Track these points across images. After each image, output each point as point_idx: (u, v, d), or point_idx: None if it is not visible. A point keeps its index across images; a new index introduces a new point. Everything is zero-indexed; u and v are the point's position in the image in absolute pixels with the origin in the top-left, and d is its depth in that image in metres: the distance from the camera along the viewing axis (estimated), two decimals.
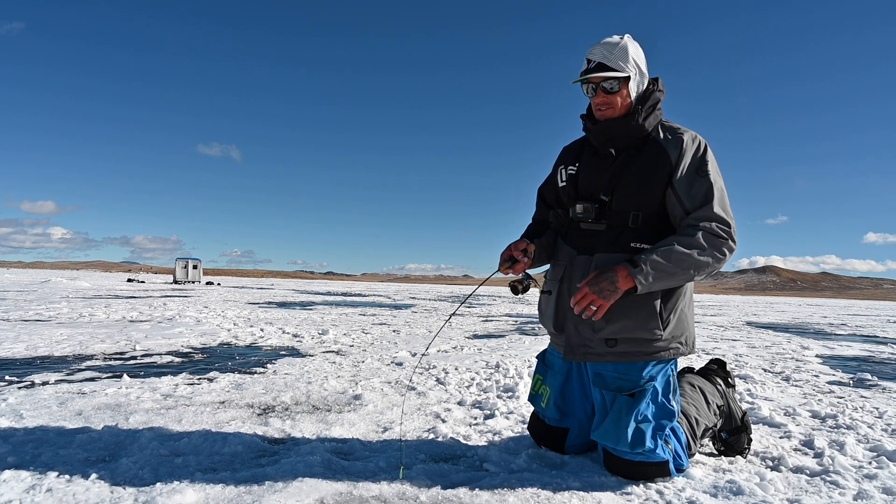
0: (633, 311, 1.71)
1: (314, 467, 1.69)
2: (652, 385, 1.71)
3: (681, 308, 1.77)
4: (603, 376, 1.78)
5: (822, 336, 8.21)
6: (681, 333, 1.76)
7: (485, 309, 12.56)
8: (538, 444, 2.01)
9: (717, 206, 1.69)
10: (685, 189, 1.71)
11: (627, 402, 1.70)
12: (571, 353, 1.83)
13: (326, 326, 6.61)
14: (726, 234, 1.67)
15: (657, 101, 1.82)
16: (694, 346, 1.82)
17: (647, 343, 1.73)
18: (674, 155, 1.74)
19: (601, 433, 1.73)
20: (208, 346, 4.62)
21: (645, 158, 1.77)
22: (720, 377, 2.14)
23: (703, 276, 1.71)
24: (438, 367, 3.77)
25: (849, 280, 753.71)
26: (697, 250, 1.64)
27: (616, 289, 1.65)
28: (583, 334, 1.79)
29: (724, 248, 1.67)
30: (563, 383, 1.93)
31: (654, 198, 1.75)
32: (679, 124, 1.83)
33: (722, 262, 1.68)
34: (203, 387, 2.91)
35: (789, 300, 59.62)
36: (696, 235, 1.66)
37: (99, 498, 1.45)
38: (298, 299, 14.59)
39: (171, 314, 7.66)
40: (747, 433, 2.02)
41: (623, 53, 1.76)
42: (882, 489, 1.72)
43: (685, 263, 1.64)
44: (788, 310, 21.05)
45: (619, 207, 1.78)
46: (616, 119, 1.80)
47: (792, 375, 4.01)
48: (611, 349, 1.75)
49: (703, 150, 1.76)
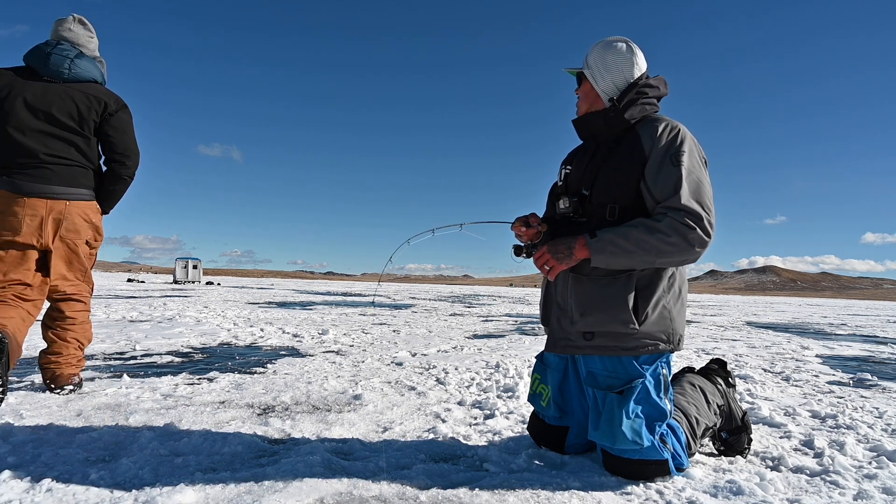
0: (606, 305, 1.72)
1: (314, 467, 1.69)
2: (641, 382, 1.71)
3: (662, 304, 1.75)
4: (594, 375, 1.79)
5: (822, 336, 8.21)
6: (662, 329, 1.74)
7: (485, 309, 12.57)
8: (538, 444, 2.01)
9: (686, 197, 1.65)
10: (654, 179, 1.70)
11: (618, 400, 1.70)
12: (553, 346, 1.88)
13: (326, 326, 6.61)
14: (695, 224, 1.63)
15: (643, 92, 1.83)
16: (680, 343, 1.79)
17: (623, 337, 1.72)
18: (647, 145, 1.73)
19: (598, 434, 1.73)
20: (208, 346, 4.62)
21: (622, 150, 1.79)
22: (721, 377, 2.14)
23: (668, 263, 1.70)
24: (438, 367, 3.77)
25: (849, 280, 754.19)
26: (661, 235, 1.63)
27: (571, 254, 1.72)
28: (563, 327, 1.83)
29: (691, 238, 1.63)
30: (561, 381, 1.94)
31: (628, 190, 1.75)
32: (667, 117, 1.81)
33: (690, 253, 1.65)
34: (203, 387, 2.91)
35: (789, 300, 59.62)
36: (661, 222, 1.65)
37: (99, 498, 1.45)
38: (298, 299, 14.59)
39: (171, 314, 7.66)
40: (747, 433, 2.02)
41: (592, 51, 1.89)
42: (882, 489, 1.72)
43: (645, 245, 1.64)
44: (788, 310, 21.05)
45: (598, 201, 1.80)
46: (595, 112, 1.86)
47: (792, 375, 4.01)
48: (588, 342, 1.77)
49: (678, 140, 1.73)
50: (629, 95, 1.82)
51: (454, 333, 6.42)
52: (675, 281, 1.80)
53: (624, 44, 1.86)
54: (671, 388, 1.80)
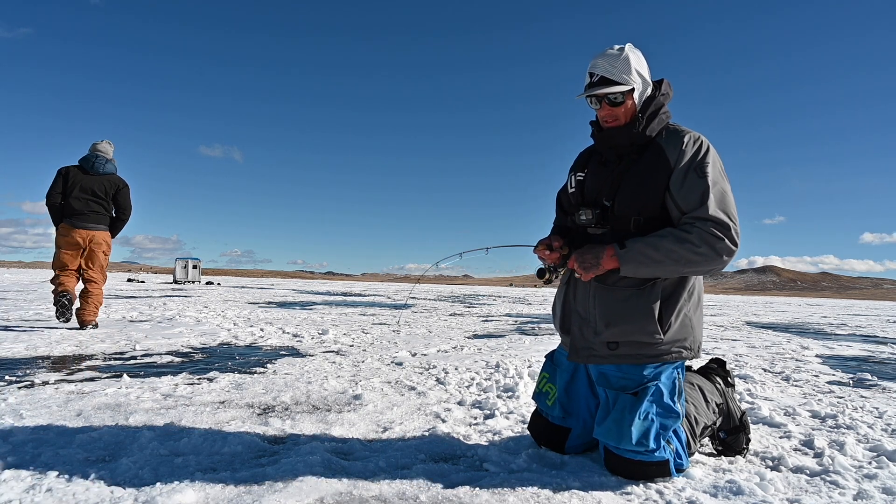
0: (632, 316, 1.72)
1: (314, 467, 1.69)
2: (656, 384, 1.71)
3: (684, 312, 1.76)
4: (606, 375, 1.79)
5: (821, 336, 8.21)
6: (684, 338, 1.76)
7: (485, 309, 12.57)
8: (538, 443, 2.01)
9: (713, 208, 1.67)
10: (681, 191, 1.71)
11: (630, 401, 1.70)
12: (576, 355, 1.86)
13: (326, 326, 6.61)
14: (723, 235, 1.65)
15: (661, 105, 1.82)
16: (699, 350, 1.82)
17: (647, 346, 1.73)
18: (672, 157, 1.73)
19: (603, 431, 1.73)
20: (208, 346, 4.62)
21: (645, 162, 1.78)
22: (720, 376, 2.14)
23: (696, 272, 1.70)
24: (438, 367, 3.77)
25: (848, 280, 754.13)
26: (689, 245, 1.64)
27: (598, 264, 1.72)
28: (586, 337, 1.82)
29: (719, 248, 1.65)
30: (569, 381, 1.95)
31: (653, 201, 1.75)
32: (685, 127, 1.82)
33: (718, 262, 1.66)
34: (203, 387, 2.91)
35: (789, 300, 59.64)
36: (691, 232, 1.65)
37: (99, 498, 1.45)
38: (298, 299, 14.59)
39: (170, 314, 7.66)
40: (746, 433, 2.02)
41: (626, 65, 1.77)
42: (882, 489, 1.72)
43: (674, 255, 1.64)
44: (788, 310, 21.05)
45: (621, 212, 1.79)
46: (620, 127, 1.82)
47: (792, 375, 4.01)
48: (612, 352, 1.77)
49: (702, 152, 1.74)
50: (650, 109, 1.80)
51: (454, 333, 6.41)
52: (694, 289, 1.81)
53: (639, 51, 1.83)
54: (683, 393, 1.80)
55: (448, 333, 6.38)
